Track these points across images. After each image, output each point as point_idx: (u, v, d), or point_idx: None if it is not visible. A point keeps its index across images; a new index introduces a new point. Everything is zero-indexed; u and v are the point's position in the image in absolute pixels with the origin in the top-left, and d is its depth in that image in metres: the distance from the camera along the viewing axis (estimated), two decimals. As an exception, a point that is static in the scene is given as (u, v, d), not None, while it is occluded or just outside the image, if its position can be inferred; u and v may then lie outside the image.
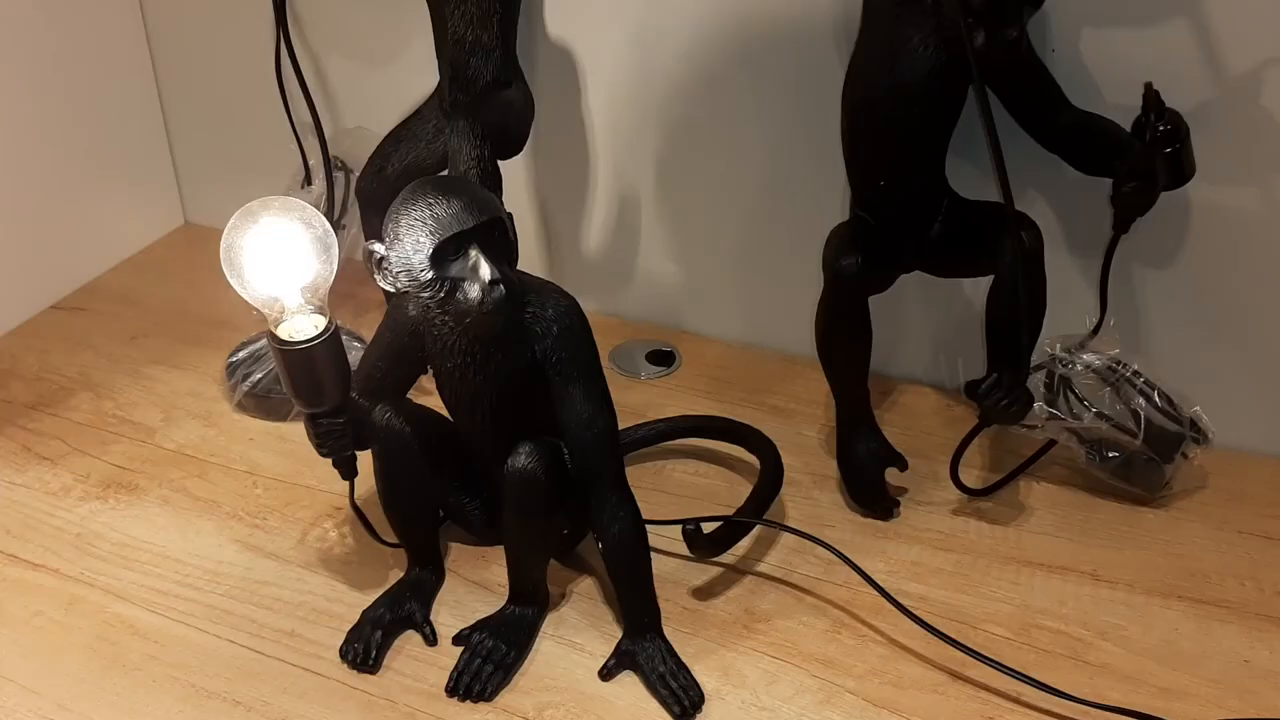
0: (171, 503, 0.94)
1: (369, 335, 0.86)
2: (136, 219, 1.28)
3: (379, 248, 0.72)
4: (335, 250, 0.70)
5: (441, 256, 0.71)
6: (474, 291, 0.71)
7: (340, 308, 1.11)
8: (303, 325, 0.70)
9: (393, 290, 0.73)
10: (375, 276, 0.73)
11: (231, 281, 0.69)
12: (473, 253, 0.71)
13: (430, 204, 0.71)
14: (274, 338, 0.70)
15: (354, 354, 0.90)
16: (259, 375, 1.03)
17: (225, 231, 0.69)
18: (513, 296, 0.72)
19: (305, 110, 1.11)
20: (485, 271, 0.70)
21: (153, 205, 1.30)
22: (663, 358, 1.11)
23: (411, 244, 0.71)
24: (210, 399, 1.06)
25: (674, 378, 1.09)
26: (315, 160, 1.12)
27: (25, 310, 1.16)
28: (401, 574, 0.86)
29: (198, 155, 1.30)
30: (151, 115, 1.27)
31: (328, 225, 0.70)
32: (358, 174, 1.11)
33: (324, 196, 1.10)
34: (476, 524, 0.88)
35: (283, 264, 0.68)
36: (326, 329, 0.70)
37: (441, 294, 0.72)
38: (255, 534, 0.91)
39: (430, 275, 0.71)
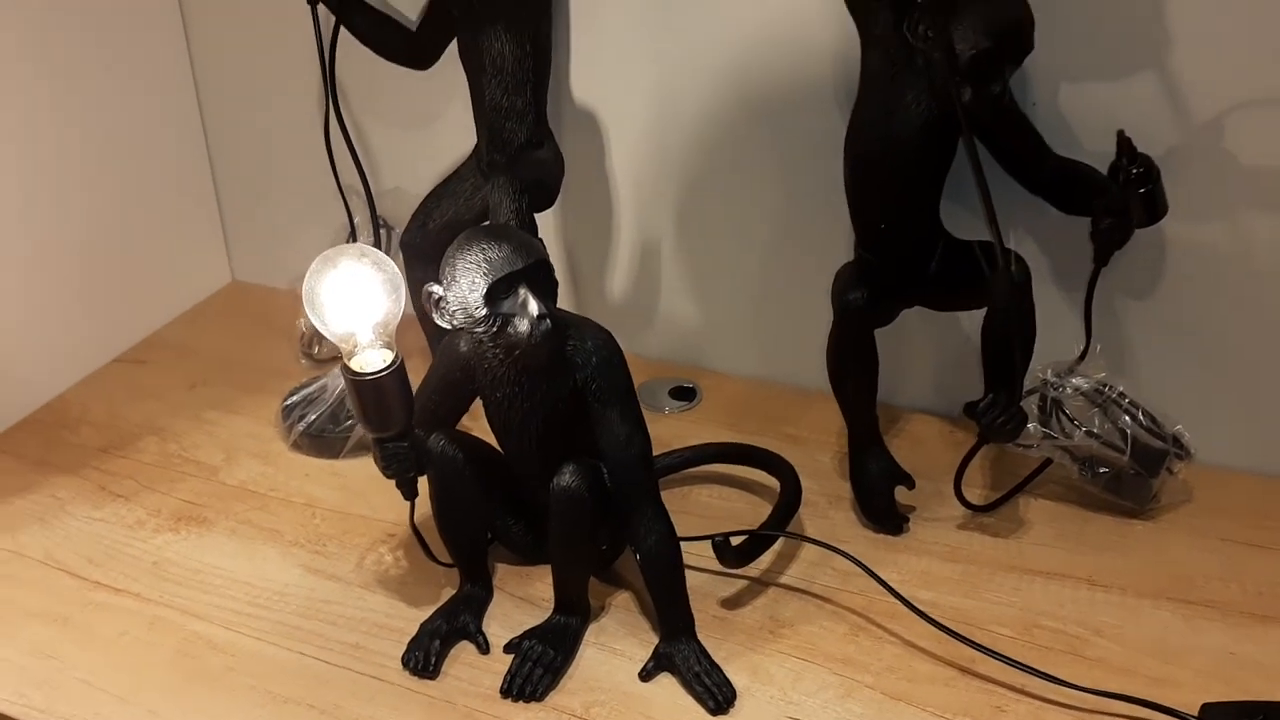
0: (238, 533, 1.02)
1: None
2: (188, 277, 1.37)
3: (437, 289, 0.81)
4: (403, 291, 0.79)
5: (494, 295, 0.79)
6: (524, 326, 0.80)
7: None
8: (372, 359, 0.78)
9: (449, 327, 0.82)
10: (434, 315, 0.82)
11: (311, 318, 0.77)
12: (522, 291, 0.80)
13: (483, 249, 0.80)
14: (347, 369, 0.78)
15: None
16: (313, 416, 1.11)
17: (307, 275, 0.77)
18: (558, 330, 0.81)
19: (347, 172, 1.21)
20: (534, 308, 0.79)
21: (203, 264, 1.39)
22: (684, 393, 1.19)
23: (467, 284, 0.80)
24: (267, 440, 1.14)
25: (695, 411, 1.17)
26: (360, 218, 1.22)
27: (91, 363, 1.24)
28: (453, 591, 0.94)
29: (244, 216, 1.39)
30: (202, 179, 1.36)
31: (396, 269, 0.78)
32: (397, 230, 1.20)
33: (369, 251, 1.19)
34: (521, 544, 0.96)
35: (357, 303, 0.77)
36: (394, 362, 0.78)
37: (494, 329, 0.80)
38: (317, 559, 0.99)
39: (484, 312, 0.80)
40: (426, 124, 1.23)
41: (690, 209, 1.16)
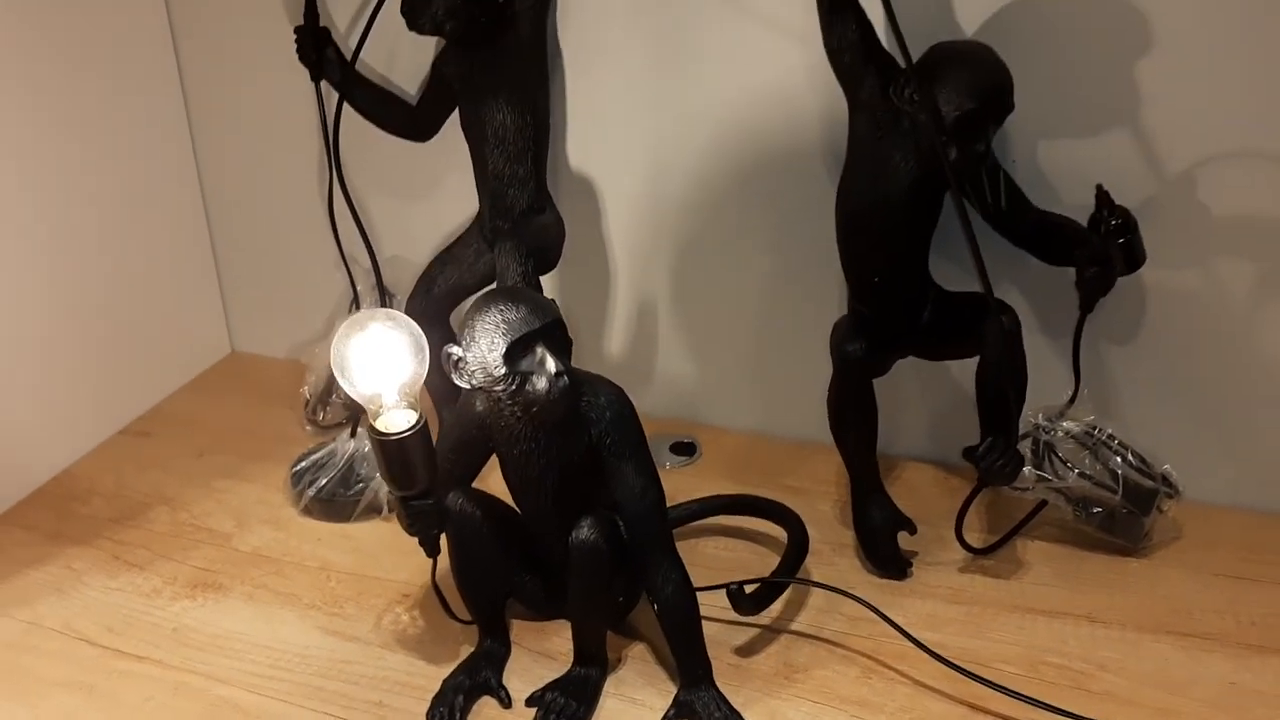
0: (255, 598, 1.03)
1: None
2: (189, 348, 1.39)
3: (456, 350, 0.84)
4: (427, 353, 0.81)
5: (513, 354, 0.82)
6: (542, 383, 0.83)
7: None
8: (397, 419, 0.81)
9: (468, 387, 0.85)
10: (452, 375, 0.84)
11: (339, 380, 0.80)
12: (539, 350, 0.83)
13: (501, 310, 0.83)
14: (373, 430, 0.81)
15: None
16: (323, 481, 1.13)
17: (335, 339, 0.80)
18: (575, 386, 0.84)
19: (347, 242, 1.24)
20: (551, 365, 0.82)
21: (203, 335, 1.41)
22: (685, 448, 1.22)
23: (486, 344, 0.82)
24: (277, 505, 1.16)
25: (696, 466, 1.20)
26: (360, 286, 1.25)
27: (97, 436, 1.26)
28: (470, 649, 0.95)
29: (243, 287, 1.41)
30: (202, 250, 1.39)
31: (420, 332, 0.81)
32: (399, 297, 1.23)
33: (373, 318, 1.22)
34: (536, 599, 0.98)
35: (383, 365, 0.80)
36: (417, 422, 0.81)
37: (513, 387, 0.83)
38: (335, 620, 1.00)
39: (503, 371, 0.83)
40: (424, 194, 1.26)
41: (685, 270, 1.20)
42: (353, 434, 1.17)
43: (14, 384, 1.16)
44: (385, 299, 1.21)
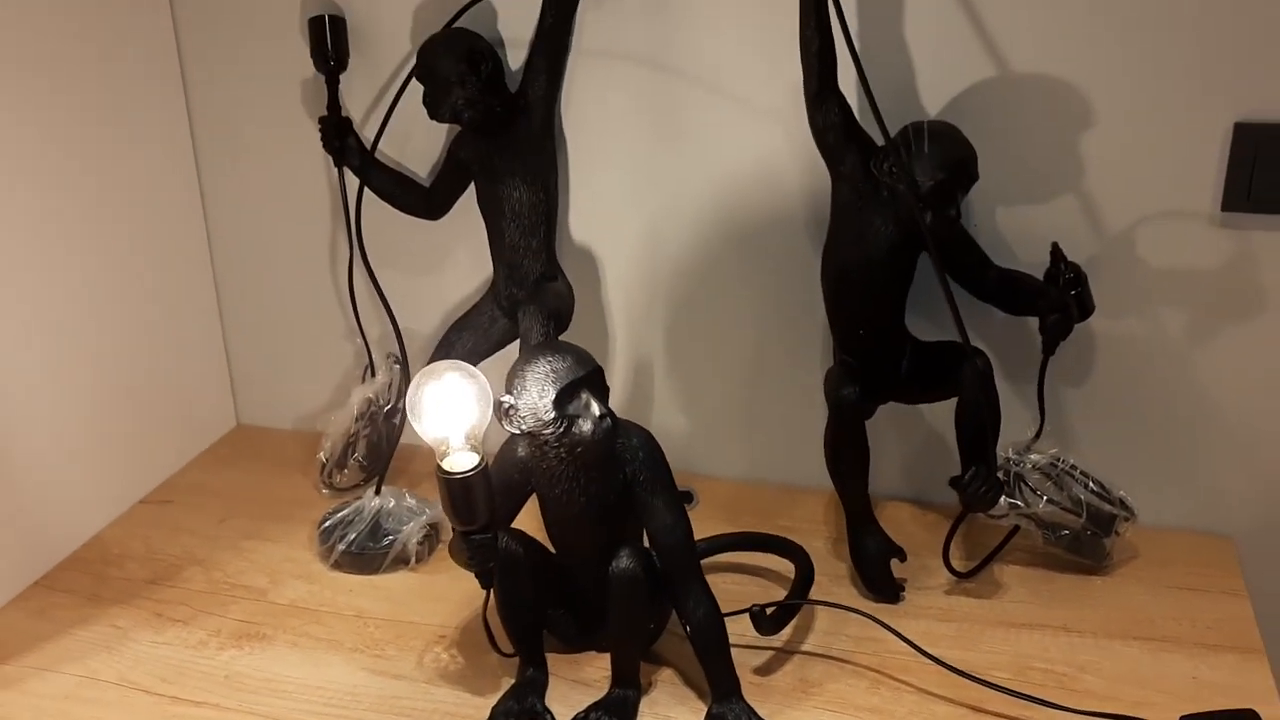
0: (299, 645, 1.09)
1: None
2: (197, 423, 1.44)
3: (508, 399, 0.93)
4: (491, 400, 0.90)
5: (561, 400, 0.92)
6: (587, 425, 0.92)
7: (399, 476, 1.30)
8: (461, 460, 0.89)
9: (518, 432, 0.94)
10: (503, 423, 0.93)
11: (413, 423, 0.89)
12: (584, 395, 0.92)
13: (549, 360, 0.92)
14: (440, 469, 0.89)
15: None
16: (353, 535, 1.20)
17: (411, 387, 0.88)
18: (617, 428, 0.93)
19: (357, 315, 1.33)
20: (596, 409, 0.92)
21: (210, 408, 1.47)
22: (682, 497, 1.30)
23: (538, 392, 0.92)
24: (306, 562, 1.22)
25: (695, 513, 1.26)
26: (375, 356, 1.33)
27: (119, 505, 1.31)
28: (510, 680, 1.03)
29: (250, 361, 1.48)
30: (210, 323, 1.45)
31: (487, 383, 0.90)
32: (409, 367, 1.31)
33: (389, 385, 1.30)
34: (569, 632, 1.06)
35: (453, 411, 0.88)
36: (480, 464, 0.89)
37: (560, 430, 0.92)
38: (378, 661, 1.07)
39: (552, 415, 0.92)
40: (431, 268, 1.35)
41: (678, 329, 1.31)
42: (377, 491, 1.24)
43: (39, 455, 1.20)
44: (397, 366, 1.29)
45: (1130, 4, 1.08)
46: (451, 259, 1.34)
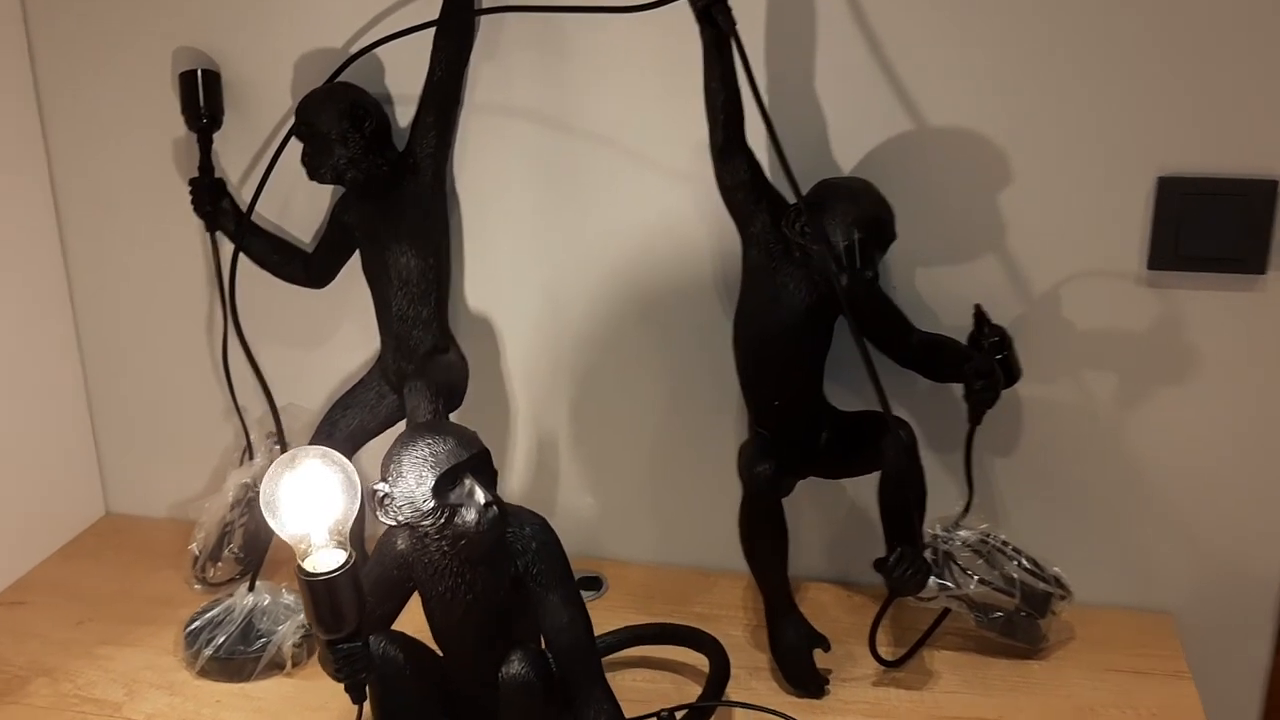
0: (154, 769, 0.97)
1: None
2: (61, 512, 1.32)
3: (383, 486, 0.83)
4: (358, 490, 0.80)
5: (441, 487, 0.82)
6: (471, 515, 0.82)
7: (278, 569, 1.19)
8: (326, 559, 0.79)
9: (394, 524, 0.84)
10: (378, 514, 0.83)
11: (268, 520, 0.78)
12: (468, 481, 0.83)
13: (428, 444, 0.83)
14: (301, 570, 0.79)
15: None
16: (222, 639, 1.08)
17: (265, 478, 0.78)
18: (504, 516, 0.84)
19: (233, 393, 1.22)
20: (480, 496, 0.82)
21: (76, 498, 1.35)
22: (590, 583, 1.21)
23: (415, 479, 0.82)
24: (168, 669, 1.09)
25: (603, 600, 1.19)
26: (254, 436, 1.22)
27: (-37, 609, 1.18)
28: (394, 801, 0.92)
29: (120, 446, 1.36)
30: (78, 410, 1.34)
31: (352, 469, 0.80)
32: (292, 446, 1.21)
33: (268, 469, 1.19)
34: (460, 745, 0.95)
35: (314, 504, 0.78)
36: (346, 562, 0.79)
37: (441, 520, 0.83)
38: (245, 783, 0.95)
39: (432, 504, 0.82)
40: (316, 342, 1.25)
41: (583, 403, 1.22)
42: (250, 587, 1.13)
43: None
44: (280, 446, 1.19)
45: (1051, 57, 1.03)
46: (337, 331, 1.24)
